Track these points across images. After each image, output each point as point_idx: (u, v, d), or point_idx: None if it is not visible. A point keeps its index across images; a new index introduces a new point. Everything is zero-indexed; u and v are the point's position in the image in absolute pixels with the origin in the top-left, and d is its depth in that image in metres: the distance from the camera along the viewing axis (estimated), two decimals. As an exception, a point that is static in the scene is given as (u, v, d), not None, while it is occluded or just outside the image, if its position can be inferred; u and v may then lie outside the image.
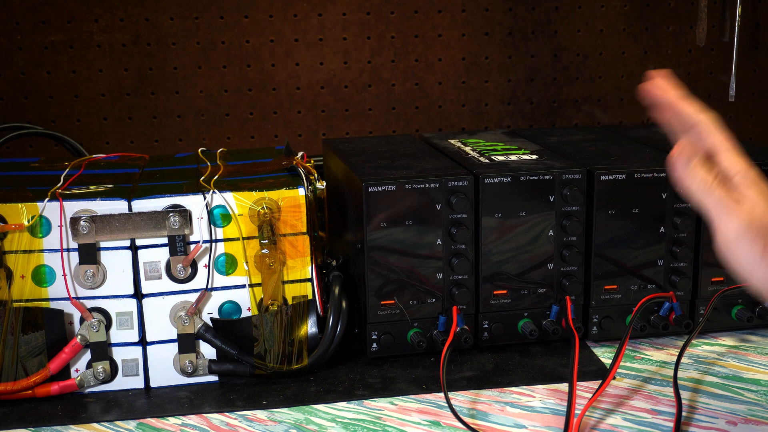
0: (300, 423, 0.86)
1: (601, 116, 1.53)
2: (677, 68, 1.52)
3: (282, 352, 0.93)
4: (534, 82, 1.50)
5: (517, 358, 0.98)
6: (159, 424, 0.86)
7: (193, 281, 0.92)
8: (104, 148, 1.42)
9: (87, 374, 0.91)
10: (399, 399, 0.90)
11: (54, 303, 0.90)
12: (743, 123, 1.55)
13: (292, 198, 0.93)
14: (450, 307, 0.97)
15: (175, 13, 1.39)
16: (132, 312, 0.92)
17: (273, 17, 1.41)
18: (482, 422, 0.85)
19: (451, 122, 1.50)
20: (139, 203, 0.90)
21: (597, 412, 0.87)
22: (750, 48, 1.52)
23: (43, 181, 0.95)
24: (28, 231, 0.89)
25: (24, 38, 1.37)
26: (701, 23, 1.36)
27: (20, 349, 0.89)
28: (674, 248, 0.99)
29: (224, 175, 0.99)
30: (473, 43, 1.47)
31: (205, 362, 0.93)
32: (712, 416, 0.85)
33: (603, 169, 0.98)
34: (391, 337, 0.97)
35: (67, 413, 0.88)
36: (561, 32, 1.48)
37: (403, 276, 0.96)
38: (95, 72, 1.40)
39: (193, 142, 1.44)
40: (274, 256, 0.92)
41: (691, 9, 1.49)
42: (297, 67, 1.44)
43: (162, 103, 1.42)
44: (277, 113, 1.45)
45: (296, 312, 0.93)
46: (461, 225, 0.95)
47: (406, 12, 1.44)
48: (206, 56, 1.41)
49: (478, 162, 1.02)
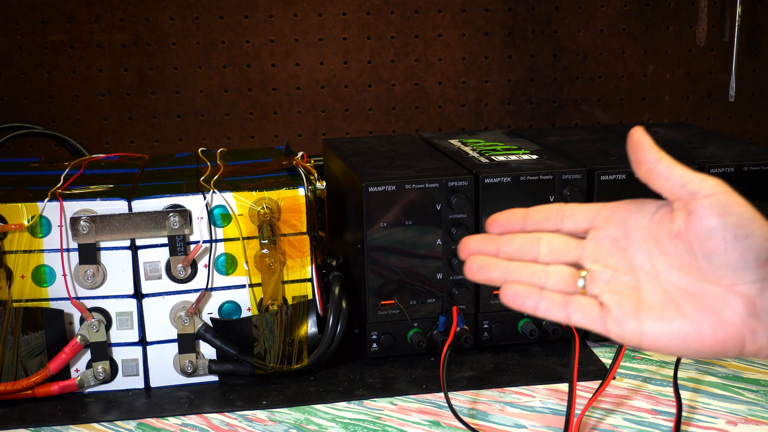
0: (300, 423, 0.86)
1: (601, 116, 1.53)
2: (677, 68, 1.52)
3: (282, 352, 0.93)
4: (534, 82, 1.50)
5: (517, 358, 0.98)
6: (159, 424, 0.86)
7: (193, 281, 0.92)
8: (104, 148, 1.42)
9: (87, 374, 0.91)
10: (399, 399, 0.90)
11: (54, 303, 0.90)
12: (743, 123, 1.55)
13: (292, 198, 0.93)
14: (450, 307, 0.97)
15: (175, 13, 1.39)
16: (132, 312, 0.92)
17: (273, 17, 1.41)
18: (482, 422, 0.85)
19: (451, 122, 1.50)
20: (139, 203, 0.90)
21: (597, 412, 0.87)
22: (750, 48, 1.52)
23: (43, 181, 0.95)
24: (28, 231, 0.89)
25: (24, 38, 1.37)
26: (701, 23, 1.36)
27: (20, 349, 0.89)
28: (674, 248, 0.99)
29: (224, 175, 0.99)
30: (473, 43, 1.47)
31: (205, 362, 0.93)
32: (712, 416, 0.85)
33: (603, 169, 0.98)
34: (391, 337, 0.97)
35: (67, 413, 0.88)
36: (561, 32, 1.48)
37: (403, 276, 0.96)
38: (95, 72, 1.40)
39: (193, 142, 1.44)
40: (274, 256, 0.92)
41: (691, 9, 1.49)
42: (297, 67, 1.44)
43: (162, 103, 1.42)
44: (277, 113, 1.45)
45: (296, 312, 0.93)
46: (461, 225, 0.95)
47: (406, 12, 1.44)
48: (206, 56, 1.41)
49: (478, 162, 1.02)
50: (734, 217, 0.56)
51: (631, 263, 0.60)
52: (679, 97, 1.54)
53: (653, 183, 0.60)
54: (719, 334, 0.56)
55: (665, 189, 0.59)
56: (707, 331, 0.57)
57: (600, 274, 0.60)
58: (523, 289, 0.61)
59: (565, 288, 0.61)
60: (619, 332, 0.58)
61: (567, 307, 0.60)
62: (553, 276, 0.61)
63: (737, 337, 0.56)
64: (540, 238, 0.63)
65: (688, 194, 0.57)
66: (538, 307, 0.60)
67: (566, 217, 0.63)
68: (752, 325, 0.56)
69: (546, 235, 0.63)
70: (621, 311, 0.58)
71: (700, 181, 0.57)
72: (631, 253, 0.60)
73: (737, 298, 0.56)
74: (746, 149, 1.07)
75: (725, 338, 0.56)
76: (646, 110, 1.53)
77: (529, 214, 0.64)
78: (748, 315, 0.56)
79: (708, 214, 0.56)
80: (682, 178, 0.58)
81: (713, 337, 0.57)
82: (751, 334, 0.56)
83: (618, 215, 0.62)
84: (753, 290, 0.56)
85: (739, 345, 0.57)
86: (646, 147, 0.61)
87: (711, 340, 0.57)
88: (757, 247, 0.55)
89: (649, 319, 0.58)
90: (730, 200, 0.56)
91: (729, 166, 0.99)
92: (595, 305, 0.59)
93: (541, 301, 0.60)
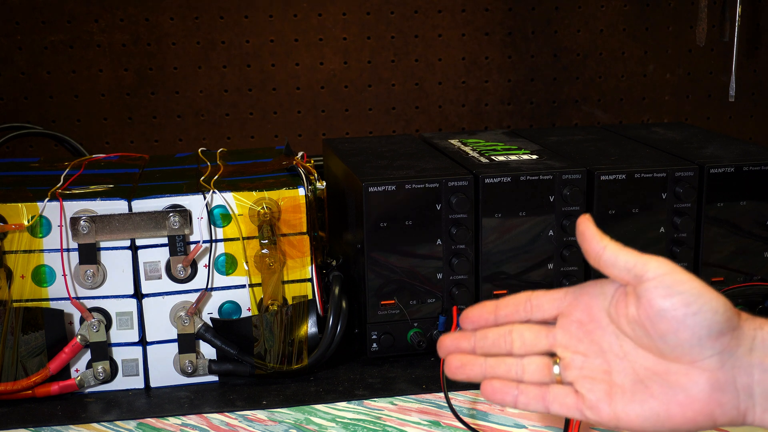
0: (300, 423, 0.86)
1: (601, 116, 1.53)
2: (677, 68, 1.52)
3: (282, 352, 0.93)
4: (534, 82, 1.50)
5: (517, 358, 0.98)
6: (159, 424, 0.86)
7: (193, 281, 0.92)
8: (104, 148, 1.42)
9: (87, 374, 0.91)
10: (399, 399, 0.90)
11: (54, 303, 0.90)
12: (743, 123, 1.55)
13: (292, 198, 0.93)
14: (450, 307, 0.97)
15: (175, 13, 1.39)
16: (132, 312, 0.92)
17: (273, 17, 1.41)
18: (482, 422, 0.85)
19: (451, 122, 1.50)
20: (139, 203, 0.90)
21: (597, 412, 0.87)
22: (750, 48, 1.52)
23: (43, 181, 0.95)
24: (28, 231, 0.88)
25: (24, 38, 1.37)
26: (701, 23, 1.36)
27: (20, 349, 0.89)
28: (674, 248, 0.99)
29: (224, 175, 0.99)
30: (473, 43, 1.47)
31: (205, 362, 0.93)
32: (712, 416, 0.85)
33: (603, 169, 0.98)
34: (391, 337, 0.97)
35: (67, 413, 0.88)
36: (561, 32, 1.48)
37: (403, 276, 0.96)
38: (95, 72, 1.40)
39: (193, 142, 1.44)
40: (274, 256, 0.92)
41: (691, 9, 1.49)
42: (297, 67, 1.44)
43: (162, 103, 1.42)
44: (277, 113, 1.45)
45: (296, 312, 0.93)
46: (461, 225, 0.95)
47: (406, 12, 1.44)
48: (206, 56, 1.41)
49: (478, 162, 1.02)
50: (680, 296, 0.56)
51: (600, 346, 0.62)
52: (679, 97, 1.54)
53: (603, 270, 0.61)
54: (688, 413, 0.58)
55: (614, 275, 0.60)
56: (676, 410, 0.58)
57: (572, 360, 0.62)
58: (500, 385, 0.64)
59: (541, 378, 0.63)
60: (596, 418, 0.61)
61: (544, 399, 0.63)
62: (528, 368, 0.64)
63: (706, 413, 0.58)
64: (512, 331, 0.65)
65: (634, 278, 0.58)
66: (517, 402, 0.63)
67: (534, 307, 0.65)
68: (718, 399, 0.57)
69: (517, 328, 0.65)
70: (595, 398, 0.60)
71: (644, 263, 0.58)
72: (599, 337, 0.62)
73: (700, 374, 0.57)
74: (746, 149, 1.07)
75: (694, 415, 0.58)
76: (646, 110, 1.53)
77: (499, 307, 0.66)
78: (712, 389, 0.57)
79: (654, 296, 0.57)
80: (626, 262, 0.59)
81: (682, 415, 0.58)
82: (720, 407, 0.57)
83: (581, 300, 0.64)
84: (713, 364, 0.57)
85: (710, 420, 0.58)
86: (589, 236, 0.62)
87: (680, 419, 0.58)
88: (707, 322, 0.56)
89: (622, 402, 0.59)
90: (674, 279, 0.57)
91: (729, 166, 0.99)
92: (571, 394, 0.62)
93: (520, 396, 0.63)
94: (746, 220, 1.00)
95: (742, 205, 0.99)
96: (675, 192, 0.98)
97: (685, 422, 0.58)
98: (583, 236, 0.62)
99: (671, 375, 0.58)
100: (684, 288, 0.56)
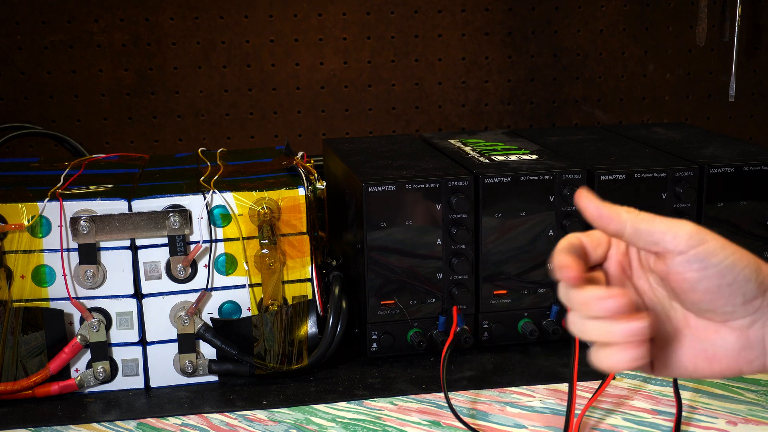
0: (300, 423, 0.86)
1: (601, 116, 1.53)
2: (677, 68, 1.52)
3: (282, 352, 0.93)
4: (534, 82, 1.50)
5: (517, 358, 0.98)
6: (159, 424, 0.86)
7: (193, 281, 0.92)
8: (104, 148, 1.42)
9: (87, 374, 0.91)
10: (399, 399, 0.90)
11: (54, 303, 0.90)
12: (743, 123, 1.55)
13: (292, 198, 0.93)
14: (450, 307, 0.97)
15: (175, 13, 1.39)
16: (132, 312, 0.92)
17: (273, 17, 1.41)
18: (482, 422, 0.85)
19: (451, 122, 1.50)
20: (139, 203, 0.90)
21: (597, 412, 0.87)
22: (750, 48, 1.52)
23: (43, 181, 0.95)
24: (28, 231, 0.88)
25: (24, 38, 1.37)
26: (701, 23, 1.36)
27: (20, 349, 0.89)
28: (674, 248, 0.99)
29: (224, 175, 0.99)
30: (473, 43, 1.47)
31: (205, 362, 0.93)
32: (712, 416, 0.85)
33: (603, 169, 0.98)
34: (391, 337, 0.97)
35: (67, 413, 0.88)
36: (561, 32, 1.48)
37: (403, 276, 0.96)
38: (95, 72, 1.40)
39: (193, 142, 1.44)
40: (274, 256, 0.92)
41: (691, 9, 1.49)
42: (297, 67, 1.44)
43: (162, 103, 1.42)
44: (277, 113, 1.45)
45: (296, 312, 0.93)
46: (461, 225, 0.95)
47: (406, 12, 1.44)
48: (206, 56, 1.41)
49: (478, 162, 1.02)
50: (715, 269, 0.55)
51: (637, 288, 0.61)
52: (679, 97, 1.54)
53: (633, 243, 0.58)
54: (715, 366, 0.58)
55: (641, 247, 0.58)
56: (703, 364, 0.58)
57: None
58: None
59: None
60: None
61: None
62: None
63: (734, 369, 0.58)
64: None
65: (663, 250, 0.57)
66: None
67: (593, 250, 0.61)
68: (747, 356, 0.57)
69: None
70: None
71: (673, 236, 0.56)
72: (636, 280, 0.61)
73: (730, 333, 0.57)
74: (746, 149, 1.07)
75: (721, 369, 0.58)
76: (646, 110, 1.53)
77: None
78: (741, 348, 0.57)
79: (687, 270, 0.56)
80: (651, 235, 0.57)
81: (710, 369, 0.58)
82: (747, 365, 0.58)
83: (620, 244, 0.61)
84: (744, 324, 0.57)
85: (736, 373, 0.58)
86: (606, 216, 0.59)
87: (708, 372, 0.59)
88: (742, 290, 0.56)
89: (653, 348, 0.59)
90: (707, 251, 0.55)
91: (729, 166, 0.99)
92: None
93: None
94: (746, 220, 1.00)
95: (742, 205, 0.99)
96: (675, 192, 0.98)
97: (712, 375, 0.59)
98: (600, 218, 0.59)
99: (700, 330, 0.58)
100: (718, 260, 0.55)
